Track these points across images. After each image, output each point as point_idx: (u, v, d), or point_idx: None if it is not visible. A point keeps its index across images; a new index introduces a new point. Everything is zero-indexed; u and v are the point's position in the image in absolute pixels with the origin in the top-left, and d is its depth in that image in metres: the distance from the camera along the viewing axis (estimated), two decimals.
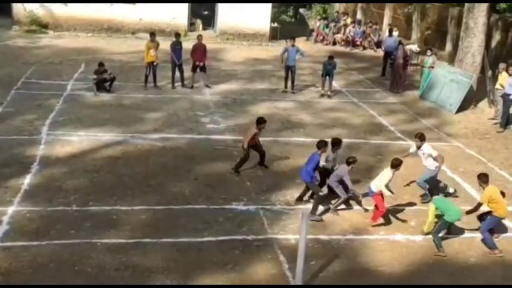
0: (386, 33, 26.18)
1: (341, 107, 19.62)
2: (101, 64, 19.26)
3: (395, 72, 21.67)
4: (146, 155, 14.07)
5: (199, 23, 32.09)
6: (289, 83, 20.66)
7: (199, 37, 20.67)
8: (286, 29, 31.86)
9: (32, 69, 21.68)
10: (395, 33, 26.36)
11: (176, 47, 20.20)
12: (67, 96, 18.62)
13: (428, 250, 10.65)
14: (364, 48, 30.91)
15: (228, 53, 27.30)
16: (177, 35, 20.73)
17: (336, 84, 22.59)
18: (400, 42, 22.64)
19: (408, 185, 13.20)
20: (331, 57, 20.64)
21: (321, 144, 11.87)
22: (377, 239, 10.94)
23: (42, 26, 29.19)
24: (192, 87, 20.31)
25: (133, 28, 29.90)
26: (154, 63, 19.70)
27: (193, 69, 20.42)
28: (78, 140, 14.77)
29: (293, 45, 20.76)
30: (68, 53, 24.90)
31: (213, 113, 17.85)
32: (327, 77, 20.42)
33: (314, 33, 32.55)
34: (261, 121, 13.29)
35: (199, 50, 20.32)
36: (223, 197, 12.10)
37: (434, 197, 11.21)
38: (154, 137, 15.29)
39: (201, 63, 20.29)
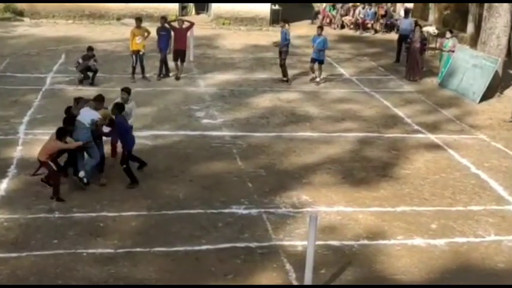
0: (402, 14, 26.17)
1: (351, 97, 19.63)
2: (90, 48, 19.30)
3: (411, 58, 21.65)
4: (135, 153, 14.06)
5: (191, 6, 32.08)
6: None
7: (180, 22, 20.40)
8: (288, 11, 31.84)
9: (7, 61, 21.68)
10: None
11: (161, 32, 20.16)
12: (46, 90, 18.64)
13: (451, 255, 10.67)
14: (376, 31, 30.90)
15: (224, 40, 27.30)
16: (162, 18, 20.62)
17: (345, 72, 22.64)
18: (416, 24, 22.62)
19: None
20: (320, 28, 20.89)
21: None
22: (394, 244, 10.95)
23: (17, 13, 29.21)
24: (178, 78, 20.22)
25: (118, 14, 29.89)
26: (140, 53, 19.71)
27: (175, 58, 20.25)
28: None
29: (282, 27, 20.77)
30: (46, 42, 24.91)
31: (208, 107, 17.86)
32: (316, 62, 20.54)
33: (320, 16, 32.53)
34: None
35: (181, 36, 20.06)
36: (221, 200, 12.11)
37: None
38: (143, 135, 15.29)
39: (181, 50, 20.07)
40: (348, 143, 15.58)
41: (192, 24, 20.60)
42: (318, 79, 20.72)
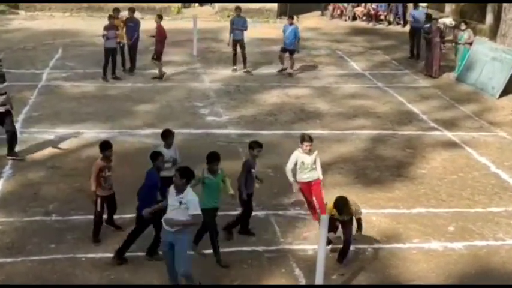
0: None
1: (364, 92, 19.60)
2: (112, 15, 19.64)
3: (431, 53, 21.36)
4: (136, 154, 14.08)
5: None
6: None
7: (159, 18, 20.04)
8: (297, 3, 31.80)
9: (1, 56, 21.67)
10: (423, 4, 26.19)
11: (129, 24, 20.00)
12: (42, 87, 18.69)
13: (470, 259, 10.63)
14: (390, 23, 30.81)
15: (229, 33, 27.25)
16: (130, 9, 20.37)
17: (357, 66, 22.60)
18: (430, 17, 22.49)
19: None
20: (290, 17, 21.11)
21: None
22: (409, 247, 10.93)
23: (12, 6, 29.29)
24: (161, 77, 19.89)
25: (117, 6, 29.81)
26: (121, 44, 19.74)
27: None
28: (56, 139, 14.81)
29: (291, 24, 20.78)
30: (42, 36, 24.97)
31: (213, 104, 17.87)
32: (287, 52, 20.60)
33: (330, 7, 32.48)
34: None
35: (162, 30, 19.81)
36: (227, 201, 12.08)
37: None
38: (145, 133, 15.31)
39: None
40: (361, 141, 15.56)
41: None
42: (290, 70, 20.78)
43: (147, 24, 21.40)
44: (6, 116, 13.56)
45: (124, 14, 20.56)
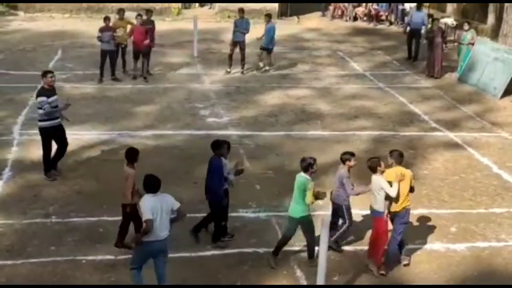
0: (413, 5, 25.78)
1: (365, 93, 19.60)
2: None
3: (433, 53, 21.30)
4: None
5: None
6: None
7: (138, 17, 19.75)
8: (298, 3, 31.82)
9: (0, 57, 21.76)
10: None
11: (148, 26, 19.75)
12: None
13: (472, 261, 10.63)
14: (391, 23, 30.81)
15: (229, 34, 27.06)
16: (149, 11, 20.34)
17: (358, 66, 22.60)
18: (432, 18, 22.46)
19: None
20: (268, 15, 21.33)
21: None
22: (411, 248, 10.89)
23: (11, 7, 29.31)
24: (134, 77, 19.79)
25: (117, 7, 29.81)
26: (122, 45, 19.74)
27: (135, 56, 19.72)
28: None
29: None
30: (42, 37, 24.98)
31: (213, 105, 17.87)
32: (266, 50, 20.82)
33: (331, 8, 32.48)
34: None
35: (138, 32, 19.52)
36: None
37: None
38: (145, 135, 15.31)
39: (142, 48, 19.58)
40: (362, 142, 15.56)
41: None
42: (267, 67, 20.94)
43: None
44: (58, 131, 13.00)
45: (128, 15, 20.49)
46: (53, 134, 12.89)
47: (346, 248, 10.80)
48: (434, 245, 11.07)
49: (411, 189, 10.05)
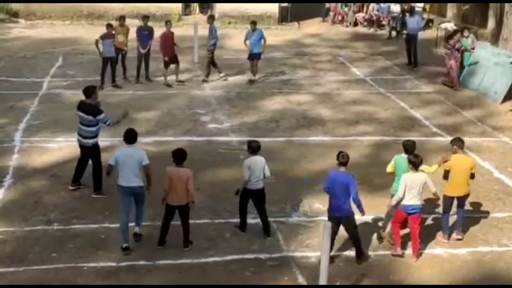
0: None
1: (366, 98, 19.62)
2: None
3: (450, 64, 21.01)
4: None
5: (195, 5, 32.03)
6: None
7: (168, 24, 20.13)
8: (298, 8, 31.86)
9: (1, 65, 21.80)
10: (418, 7, 26.06)
11: (143, 32, 19.99)
12: (43, 95, 18.71)
13: (474, 265, 10.64)
14: (392, 28, 30.76)
15: (230, 39, 27.31)
16: (145, 17, 20.55)
17: (359, 72, 22.63)
18: (458, 31, 22.39)
19: None
20: (253, 22, 20.96)
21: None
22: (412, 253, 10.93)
23: (12, 14, 29.34)
24: (168, 85, 19.94)
25: (118, 13, 29.78)
26: (123, 51, 19.83)
27: (165, 65, 19.93)
28: (57, 147, 14.83)
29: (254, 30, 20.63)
30: (43, 44, 25.01)
31: (214, 111, 17.89)
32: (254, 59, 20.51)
33: (331, 13, 32.54)
34: None
35: (168, 41, 19.81)
36: (229, 209, 12.10)
37: None
38: (146, 141, 15.31)
39: (168, 57, 19.79)
40: (363, 147, 15.57)
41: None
42: (254, 77, 20.66)
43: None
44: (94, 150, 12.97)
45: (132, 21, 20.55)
46: None
47: (347, 253, 10.81)
48: (436, 250, 11.09)
49: (471, 176, 11.24)
